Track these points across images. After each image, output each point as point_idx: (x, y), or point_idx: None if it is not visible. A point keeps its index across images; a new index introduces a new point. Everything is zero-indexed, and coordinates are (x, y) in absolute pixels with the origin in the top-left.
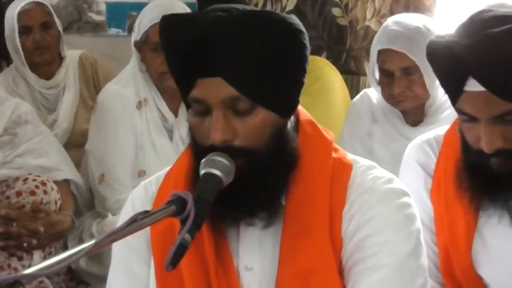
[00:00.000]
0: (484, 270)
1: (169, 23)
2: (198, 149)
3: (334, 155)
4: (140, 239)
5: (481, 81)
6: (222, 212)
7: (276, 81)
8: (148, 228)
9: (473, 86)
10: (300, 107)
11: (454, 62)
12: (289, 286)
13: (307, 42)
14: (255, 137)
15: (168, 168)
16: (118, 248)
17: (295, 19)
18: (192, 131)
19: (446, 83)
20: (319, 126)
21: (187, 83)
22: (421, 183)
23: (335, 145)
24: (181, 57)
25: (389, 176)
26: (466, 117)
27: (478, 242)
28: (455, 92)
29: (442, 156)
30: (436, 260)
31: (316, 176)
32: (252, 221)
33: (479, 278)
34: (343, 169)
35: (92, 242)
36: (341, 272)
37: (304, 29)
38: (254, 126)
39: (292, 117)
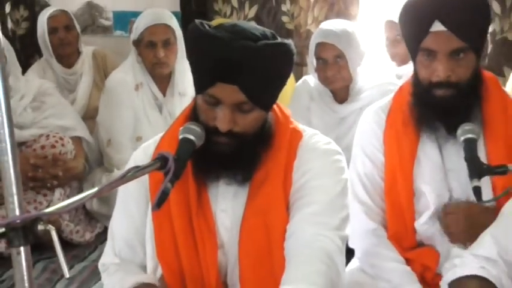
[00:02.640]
0: (419, 183)
1: (202, 37)
2: (203, 125)
3: (290, 126)
4: (139, 188)
5: (444, 23)
6: (209, 170)
7: (273, 91)
8: (147, 180)
9: (437, 27)
10: None
11: (424, 8)
12: (251, 221)
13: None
14: (249, 127)
15: (161, 134)
16: (121, 194)
17: (292, 44)
18: (198, 111)
19: (414, 28)
20: (279, 103)
21: (207, 82)
22: (375, 136)
23: (291, 119)
24: (209, 65)
25: (328, 140)
26: (426, 52)
27: (416, 162)
28: (423, 33)
29: (392, 111)
30: (381, 193)
31: (279, 142)
32: (230, 181)
33: (413, 191)
34: (296, 135)
35: (96, 188)
36: (288, 209)
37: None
38: (250, 120)
39: None
